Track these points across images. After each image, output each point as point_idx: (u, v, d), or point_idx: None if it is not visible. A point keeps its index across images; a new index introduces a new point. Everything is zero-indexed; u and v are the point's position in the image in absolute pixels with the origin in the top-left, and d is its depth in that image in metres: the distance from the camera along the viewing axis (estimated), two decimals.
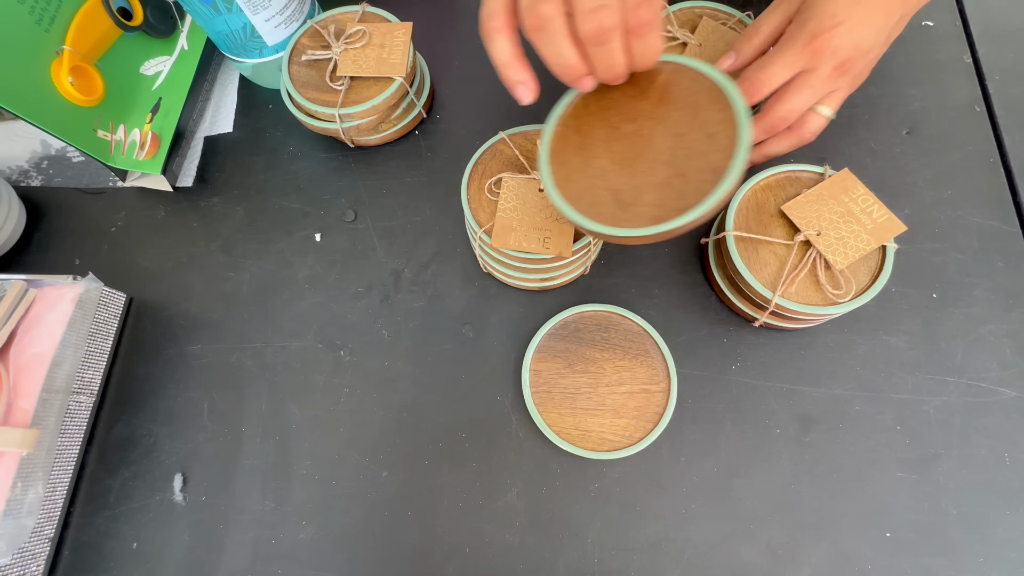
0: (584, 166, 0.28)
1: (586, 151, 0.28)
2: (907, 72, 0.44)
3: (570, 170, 0.28)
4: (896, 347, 0.37)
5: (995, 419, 0.35)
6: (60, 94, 0.38)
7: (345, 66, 0.39)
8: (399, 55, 0.39)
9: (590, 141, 0.28)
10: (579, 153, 0.28)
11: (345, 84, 0.39)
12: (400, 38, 0.40)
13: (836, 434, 0.35)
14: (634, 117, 0.28)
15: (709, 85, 0.27)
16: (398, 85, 0.39)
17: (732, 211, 0.34)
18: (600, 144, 0.28)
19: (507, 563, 0.33)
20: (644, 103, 0.28)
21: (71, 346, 0.35)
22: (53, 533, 0.35)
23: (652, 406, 0.35)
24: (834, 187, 0.34)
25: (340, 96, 0.39)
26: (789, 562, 0.33)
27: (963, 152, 0.41)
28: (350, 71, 0.39)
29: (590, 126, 0.29)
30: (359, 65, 0.39)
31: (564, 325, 0.37)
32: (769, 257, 0.34)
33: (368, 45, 0.40)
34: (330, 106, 0.39)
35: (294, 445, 0.37)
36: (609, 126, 0.28)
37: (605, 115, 0.28)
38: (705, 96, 0.27)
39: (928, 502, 0.33)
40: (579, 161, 0.28)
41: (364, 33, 0.40)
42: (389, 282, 0.40)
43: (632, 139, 0.28)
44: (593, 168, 0.28)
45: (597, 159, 0.28)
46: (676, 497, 0.34)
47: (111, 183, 0.44)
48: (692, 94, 0.27)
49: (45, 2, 0.36)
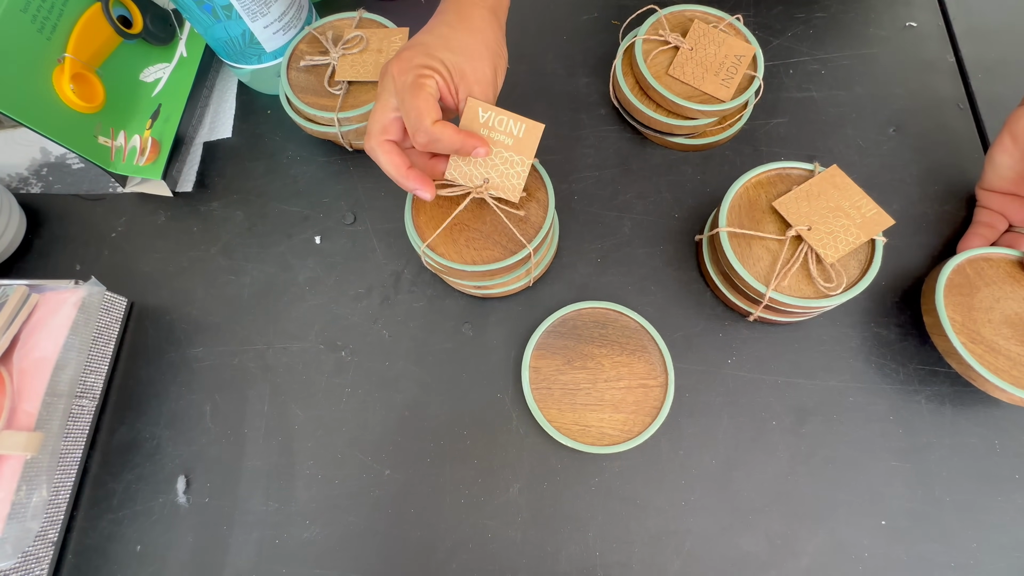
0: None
1: (986, 324, 0.33)
2: (892, 71, 0.45)
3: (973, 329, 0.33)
4: (887, 339, 0.37)
5: (985, 408, 0.35)
6: (62, 101, 0.38)
7: (343, 71, 0.40)
8: None
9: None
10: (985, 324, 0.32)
11: (343, 89, 0.40)
12: (396, 43, 0.40)
13: (831, 425, 0.36)
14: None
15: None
16: None
17: (725, 208, 0.35)
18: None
19: (510, 558, 0.34)
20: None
21: (74, 350, 0.35)
22: (57, 537, 0.35)
23: (650, 400, 0.36)
24: (824, 183, 0.35)
25: (339, 100, 0.40)
26: (787, 551, 0.33)
27: (948, 148, 0.42)
28: (348, 76, 0.40)
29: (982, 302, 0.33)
30: (357, 70, 0.40)
31: (562, 322, 0.38)
32: (762, 252, 0.35)
33: (366, 50, 0.41)
34: (329, 110, 0.40)
35: (297, 446, 0.37)
36: (1001, 299, 0.33)
37: (993, 291, 0.33)
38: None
39: (922, 490, 0.34)
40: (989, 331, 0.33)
41: (361, 39, 0.41)
42: (389, 283, 0.41)
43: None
44: (997, 342, 0.32)
45: (998, 332, 0.32)
46: (675, 489, 0.35)
47: (111, 189, 0.45)
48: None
49: (47, 11, 0.37)
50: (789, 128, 0.44)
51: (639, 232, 0.41)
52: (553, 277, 0.40)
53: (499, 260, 0.34)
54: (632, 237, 0.41)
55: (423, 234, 0.35)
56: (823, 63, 0.46)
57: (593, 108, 0.45)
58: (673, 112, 0.40)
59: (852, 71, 0.45)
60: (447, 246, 0.34)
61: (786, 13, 0.47)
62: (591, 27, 0.48)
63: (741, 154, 0.43)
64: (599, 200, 0.42)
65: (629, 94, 0.41)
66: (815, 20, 0.47)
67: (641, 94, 0.41)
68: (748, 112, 0.42)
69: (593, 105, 0.45)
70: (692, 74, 0.40)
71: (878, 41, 0.46)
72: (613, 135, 0.44)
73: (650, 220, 0.41)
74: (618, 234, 0.41)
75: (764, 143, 0.43)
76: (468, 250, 0.34)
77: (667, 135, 0.42)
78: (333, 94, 0.40)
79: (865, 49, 0.46)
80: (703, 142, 0.42)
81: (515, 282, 0.37)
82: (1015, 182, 0.35)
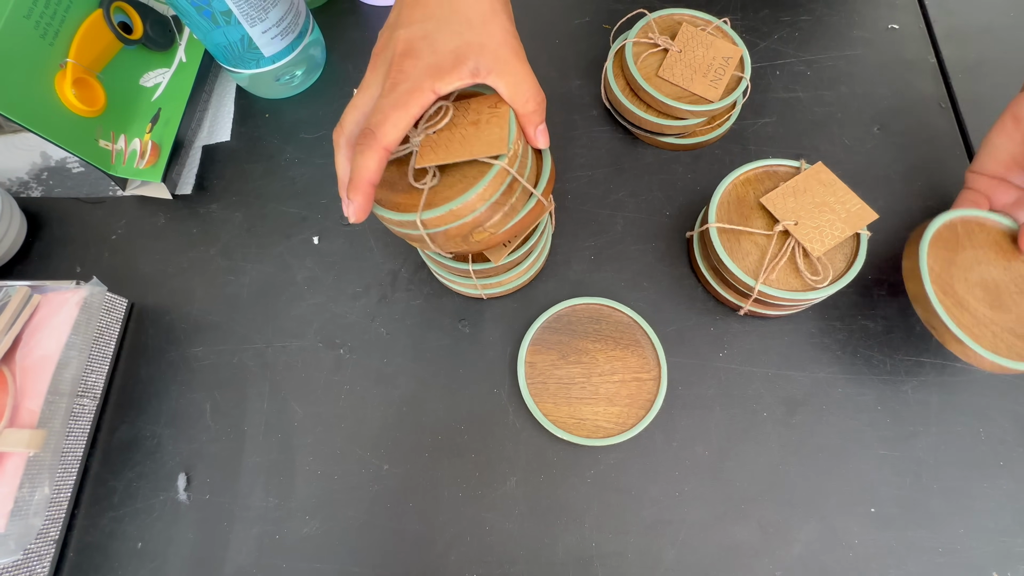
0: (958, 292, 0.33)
1: (962, 281, 0.33)
2: (876, 72, 0.46)
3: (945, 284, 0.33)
4: (874, 331, 0.38)
5: (970, 397, 0.36)
6: (63, 105, 0.39)
7: (425, 155, 0.29)
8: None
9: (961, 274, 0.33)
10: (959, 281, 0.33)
11: (434, 178, 0.29)
12: (501, 111, 0.29)
13: (821, 415, 0.36)
14: (1006, 267, 0.33)
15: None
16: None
17: (714, 205, 0.36)
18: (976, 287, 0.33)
19: (508, 550, 0.34)
20: (1017, 263, 0.33)
21: (76, 348, 0.36)
22: (58, 534, 0.35)
23: (644, 394, 0.36)
24: (809, 179, 0.35)
25: (422, 196, 0.29)
26: (780, 539, 0.34)
27: (931, 146, 0.43)
28: (432, 160, 0.28)
29: (964, 260, 0.33)
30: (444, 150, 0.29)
31: (557, 318, 0.38)
32: (750, 247, 0.35)
33: (453, 124, 0.29)
34: (409, 210, 0.29)
35: (296, 442, 0.37)
36: (983, 263, 0.33)
37: (977, 254, 0.34)
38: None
39: (910, 477, 0.35)
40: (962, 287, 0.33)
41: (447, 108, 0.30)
42: (386, 282, 0.41)
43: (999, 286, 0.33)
44: (968, 300, 0.32)
45: (970, 292, 0.33)
46: (669, 480, 0.35)
47: (111, 192, 0.45)
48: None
49: (49, 17, 0.37)
50: (776, 127, 0.45)
51: (631, 229, 0.42)
52: (547, 274, 0.41)
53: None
54: (625, 234, 0.42)
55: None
56: (809, 64, 0.47)
57: (585, 109, 0.46)
58: (663, 113, 0.41)
59: (837, 72, 0.46)
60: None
61: (772, 16, 0.49)
62: (583, 31, 0.49)
63: (730, 153, 0.44)
64: (592, 199, 0.43)
65: (620, 95, 0.42)
66: (800, 23, 0.48)
67: (632, 95, 0.42)
68: (736, 112, 0.43)
69: (585, 106, 0.46)
70: (681, 76, 0.41)
71: (862, 43, 0.47)
72: (605, 136, 0.45)
73: (642, 218, 0.42)
74: (611, 232, 0.42)
75: (752, 142, 0.44)
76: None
77: (658, 135, 0.43)
78: (417, 188, 0.29)
79: (849, 51, 0.47)
80: (693, 142, 0.43)
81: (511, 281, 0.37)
82: (1007, 165, 0.35)
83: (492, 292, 0.38)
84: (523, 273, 0.37)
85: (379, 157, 0.26)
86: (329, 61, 0.49)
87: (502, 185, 0.27)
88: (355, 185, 0.26)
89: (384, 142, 0.26)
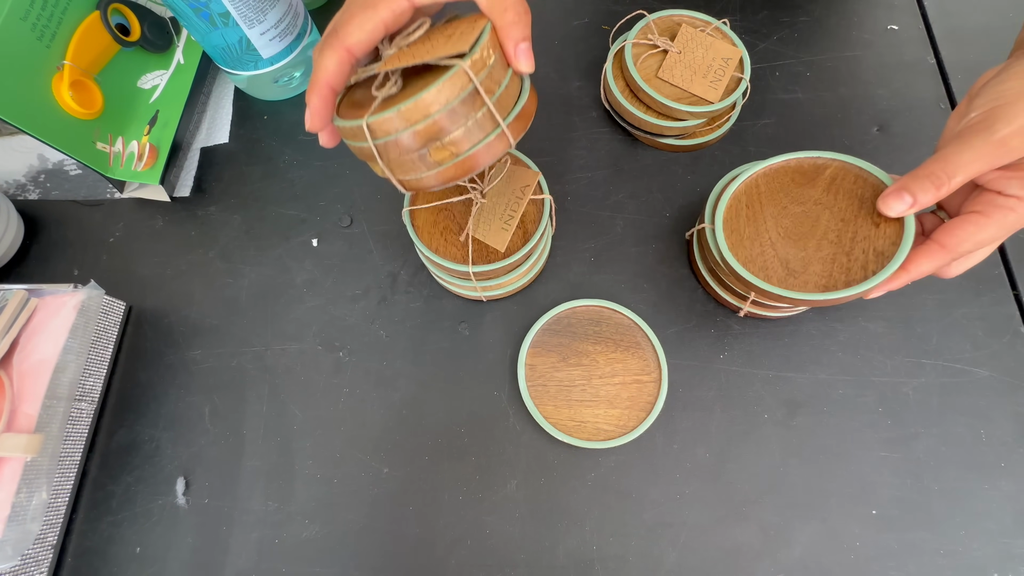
0: (755, 235, 0.33)
1: (757, 224, 0.33)
2: (876, 73, 0.46)
3: (742, 237, 0.33)
4: (875, 332, 0.38)
5: (970, 398, 0.36)
6: (61, 108, 0.38)
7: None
8: None
9: (760, 216, 0.33)
10: (751, 224, 0.33)
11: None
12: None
13: (821, 417, 0.36)
14: (802, 201, 0.33)
15: (875, 182, 0.32)
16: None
17: (711, 204, 0.36)
18: (770, 219, 0.33)
19: (508, 553, 0.34)
20: (812, 191, 0.33)
21: (73, 353, 0.35)
22: (56, 540, 0.35)
23: (644, 396, 0.36)
24: None
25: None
26: (781, 542, 0.34)
27: (931, 147, 0.43)
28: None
29: (760, 203, 0.34)
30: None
31: (557, 320, 0.38)
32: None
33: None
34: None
35: (296, 445, 0.37)
36: (778, 205, 0.33)
37: (774, 196, 0.34)
38: (871, 192, 0.32)
39: (910, 479, 0.35)
40: (751, 231, 0.33)
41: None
42: (386, 284, 0.41)
43: (800, 219, 0.33)
44: (763, 238, 0.33)
45: (767, 231, 0.33)
46: (670, 483, 0.35)
47: (108, 195, 0.45)
48: (859, 188, 0.33)
49: (46, 19, 0.37)
50: (776, 128, 0.45)
51: (631, 231, 0.42)
52: (547, 276, 0.41)
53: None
54: (624, 236, 0.42)
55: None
56: (808, 65, 0.47)
57: (585, 111, 0.46)
58: (663, 114, 0.41)
59: (836, 73, 0.46)
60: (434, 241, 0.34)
61: (771, 17, 0.49)
62: (582, 32, 0.49)
63: (730, 154, 0.44)
64: (592, 200, 0.43)
65: (620, 97, 0.42)
66: (799, 24, 0.48)
67: (631, 96, 0.42)
68: (736, 113, 0.43)
69: (585, 108, 0.46)
70: (681, 77, 0.41)
71: (861, 44, 0.47)
72: (605, 137, 0.45)
73: (642, 219, 0.42)
74: (611, 233, 0.42)
75: (752, 143, 0.44)
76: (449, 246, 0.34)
77: (657, 136, 0.43)
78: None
79: (848, 52, 0.47)
80: (693, 143, 0.43)
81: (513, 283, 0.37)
82: (945, 140, 0.31)
83: (492, 294, 0.38)
84: (523, 275, 0.37)
85: (339, 57, 0.24)
86: None
87: (462, 92, 0.24)
88: (312, 86, 0.25)
89: (347, 42, 0.24)
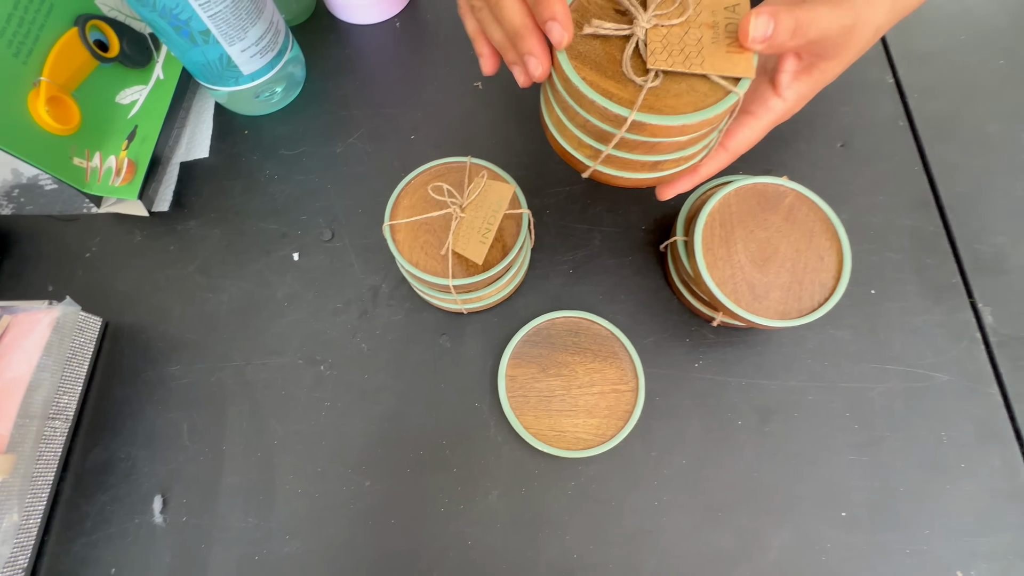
0: (727, 257, 0.35)
1: (728, 245, 0.35)
2: (839, 91, 0.48)
3: (716, 257, 0.35)
4: (842, 340, 0.40)
5: (932, 402, 0.38)
6: (37, 124, 0.38)
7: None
8: None
9: (732, 237, 0.35)
10: (723, 245, 0.35)
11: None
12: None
13: (792, 423, 0.38)
14: (766, 227, 0.36)
15: (823, 216, 0.36)
16: None
17: (700, 226, 0.37)
18: (739, 243, 0.35)
19: (491, 563, 0.34)
20: (774, 217, 0.36)
21: (48, 370, 0.35)
22: (27, 563, 0.34)
23: (622, 405, 0.37)
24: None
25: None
26: (756, 546, 0.35)
27: (891, 162, 0.45)
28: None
29: (732, 224, 0.36)
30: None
31: (537, 332, 0.39)
32: None
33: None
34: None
35: (277, 460, 0.37)
36: (746, 229, 0.35)
37: (743, 220, 0.36)
38: (819, 224, 0.35)
39: (878, 482, 0.36)
40: (723, 252, 0.35)
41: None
42: (367, 297, 0.42)
43: (764, 244, 0.35)
44: (733, 260, 0.35)
45: (737, 255, 0.35)
46: (649, 490, 0.36)
47: (85, 209, 0.45)
48: (810, 220, 0.36)
49: (23, 36, 0.37)
50: None
51: (608, 244, 0.43)
52: (527, 288, 0.42)
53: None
54: (602, 249, 0.43)
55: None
56: None
57: None
58: None
59: None
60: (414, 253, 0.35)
61: None
62: None
63: None
64: (571, 213, 0.44)
65: None
66: None
67: None
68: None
69: None
70: None
71: None
72: None
73: (619, 232, 0.43)
74: (589, 246, 0.43)
75: None
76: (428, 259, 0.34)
77: None
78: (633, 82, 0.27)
79: None
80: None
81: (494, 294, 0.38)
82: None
83: (472, 307, 0.39)
84: (503, 287, 0.38)
85: (468, 18, 0.23)
86: (309, 78, 0.49)
87: (730, 116, 0.25)
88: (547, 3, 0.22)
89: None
